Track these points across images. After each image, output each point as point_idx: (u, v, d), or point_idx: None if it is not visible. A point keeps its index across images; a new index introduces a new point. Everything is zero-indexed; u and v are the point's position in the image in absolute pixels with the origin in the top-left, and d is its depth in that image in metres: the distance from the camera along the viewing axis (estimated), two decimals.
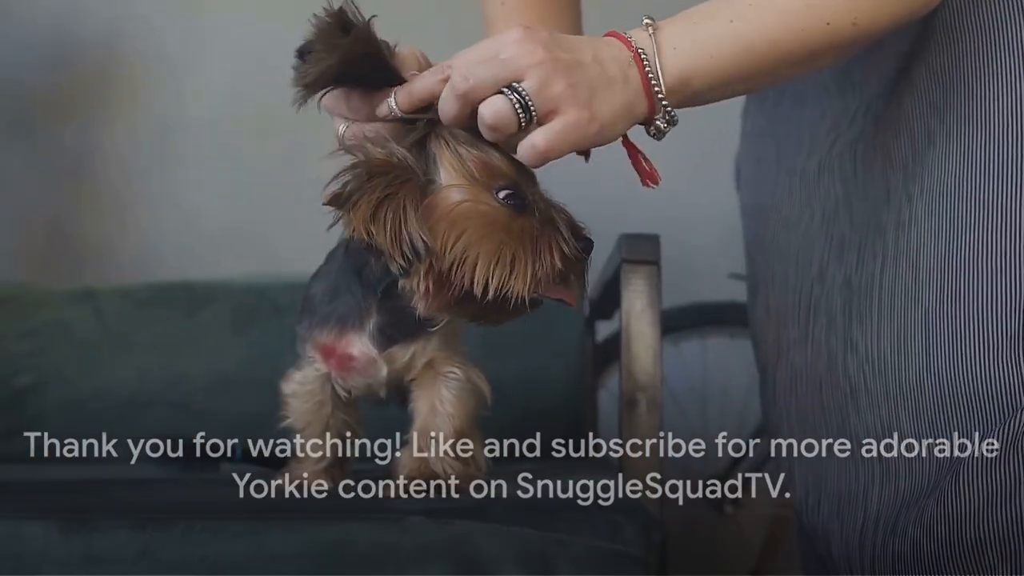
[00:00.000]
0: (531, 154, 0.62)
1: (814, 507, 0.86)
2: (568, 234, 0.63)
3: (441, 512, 0.57)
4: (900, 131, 0.80)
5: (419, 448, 0.71)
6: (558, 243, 0.63)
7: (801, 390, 0.87)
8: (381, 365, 0.73)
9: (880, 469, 0.79)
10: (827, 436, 0.84)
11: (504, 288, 0.61)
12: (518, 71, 0.61)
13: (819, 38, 0.67)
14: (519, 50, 0.61)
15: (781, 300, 0.91)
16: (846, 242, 0.85)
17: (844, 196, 0.85)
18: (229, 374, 1.28)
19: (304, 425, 0.78)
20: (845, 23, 0.67)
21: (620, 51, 0.64)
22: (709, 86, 0.66)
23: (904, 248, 0.78)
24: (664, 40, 0.64)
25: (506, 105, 0.61)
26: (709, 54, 0.65)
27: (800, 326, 0.88)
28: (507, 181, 0.64)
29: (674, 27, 0.65)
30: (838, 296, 0.84)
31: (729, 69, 0.66)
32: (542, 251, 0.62)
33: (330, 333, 0.74)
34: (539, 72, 0.60)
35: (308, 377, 0.77)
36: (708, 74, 0.65)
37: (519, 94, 0.60)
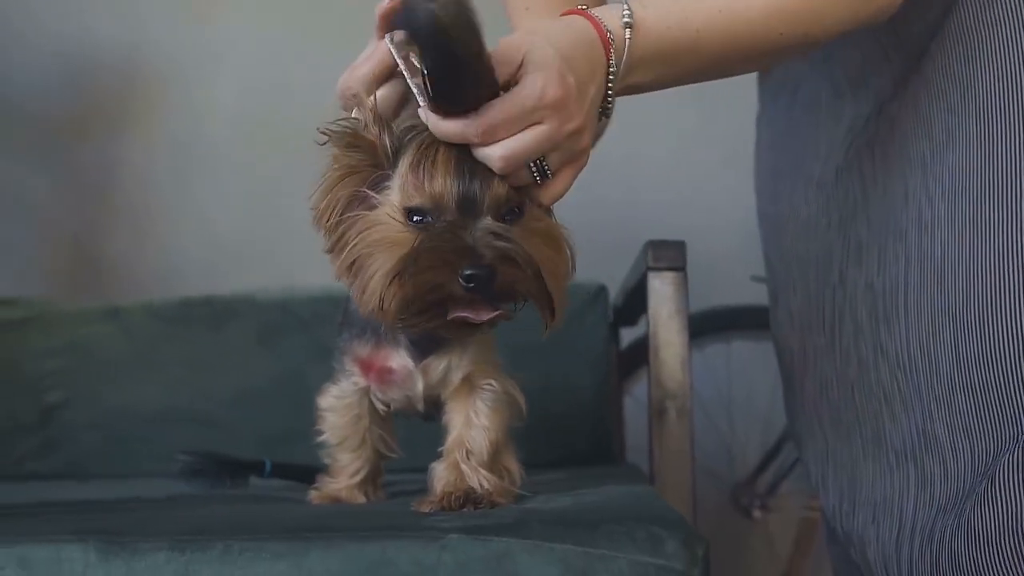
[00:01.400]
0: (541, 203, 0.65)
1: (848, 513, 0.85)
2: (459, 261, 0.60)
3: (480, 529, 0.56)
4: (918, 132, 0.79)
5: (454, 461, 0.70)
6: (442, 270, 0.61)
7: (833, 396, 0.87)
8: (418, 378, 0.73)
9: (916, 474, 0.78)
10: (861, 442, 0.83)
11: (384, 305, 0.62)
12: (552, 147, 0.62)
13: (771, 45, 0.69)
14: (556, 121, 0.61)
15: (804, 307, 0.90)
16: (864, 245, 0.84)
17: (862, 199, 0.85)
18: (255, 389, 1.28)
19: (340, 439, 0.78)
20: (796, 34, 0.69)
21: (601, 63, 0.65)
22: (648, 87, 0.69)
23: (928, 251, 0.77)
24: (635, 52, 0.65)
25: (525, 171, 0.63)
26: (665, 70, 0.68)
27: (826, 333, 0.87)
28: (431, 204, 0.63)
29: (647, 36, 0.66)
30: (861, 301, 0.83)
31: (679, 75, 0.69)
32: (421, 273, 0.61)
33: (367, 346, 0.74)
34: (568, 145, 0.63)
35: (346, 391, 0.77)
36: (654, 81, 0.68)
37: (541, 168, 0.63)
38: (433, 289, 0.61)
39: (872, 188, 0.84)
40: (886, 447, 0.80)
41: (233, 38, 1.79)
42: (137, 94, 1.80)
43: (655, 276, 0.99)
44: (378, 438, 0.78)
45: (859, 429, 0.83)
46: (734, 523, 1.59)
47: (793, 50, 0.72)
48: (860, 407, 0.83)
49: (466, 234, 0.61)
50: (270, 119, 1.77)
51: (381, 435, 0.79)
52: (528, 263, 0.61)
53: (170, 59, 1.79)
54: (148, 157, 1.79)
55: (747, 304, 1.59)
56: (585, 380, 1.28)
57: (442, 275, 0.60)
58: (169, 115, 1.80)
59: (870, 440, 0.82)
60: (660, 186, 1.69)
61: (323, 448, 0.80)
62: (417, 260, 0.61)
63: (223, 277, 1.73)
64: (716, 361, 1.58)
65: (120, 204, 1.79)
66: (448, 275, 0.60)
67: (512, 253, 0.61)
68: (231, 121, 1.80)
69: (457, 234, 0.61)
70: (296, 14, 1.79)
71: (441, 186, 0.62)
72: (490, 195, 0.62)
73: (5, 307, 1.37)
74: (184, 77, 1.80)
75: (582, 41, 0.64)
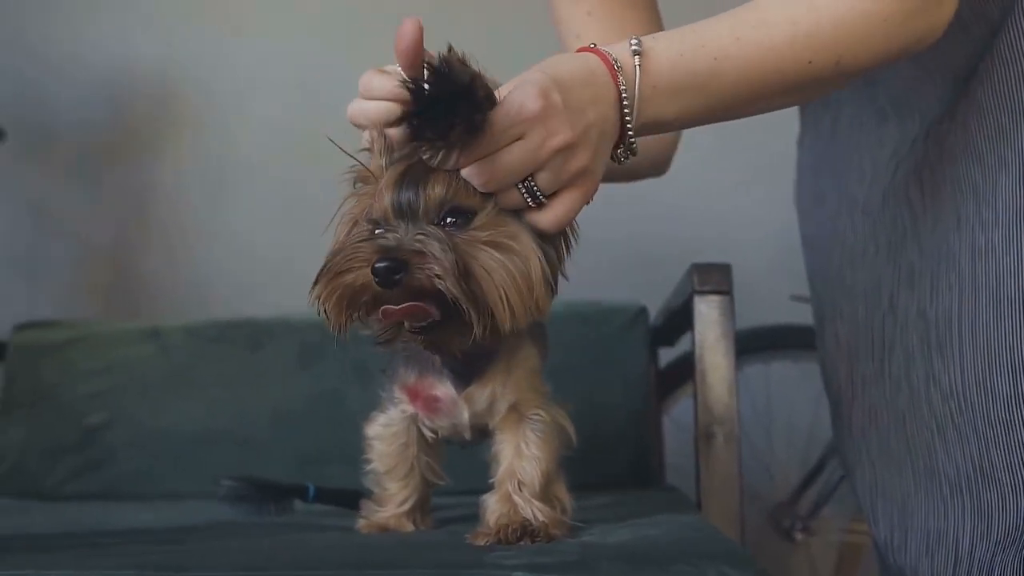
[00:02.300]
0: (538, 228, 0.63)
1: (900, 545, 0.83)
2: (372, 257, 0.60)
3: (545, 568, 0.55)
4: (968, 155, 0.78)
5: (506, 493, 0.69)
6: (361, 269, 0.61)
7: (882, 425, 0.85)
8: (463, 406, 0.72)
9: (972, 507, 0.76)
10: (912, 473, 0.81)
11: (322, 308, 0.63)
12: (537, 165, 0.61)
13: (799, 76, 0.66)
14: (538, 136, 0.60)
15: (852, 334, 0.89)
16: (916, 271, 0.82)
17: (911, 224, 0.83)
18: (294, 410, 1.28)
19: (388, 468, 0.78)
20: (827, 62, 0.66)
21: (610, 90, 0.63)
22: (679, 122, 0.67)
23: (982, 279, 0.75)
24: (647, 80, 0.64)
25: (516, 196, 0.62)
26: (688, 102, 0.65)
27: (875, 361, 0.86)
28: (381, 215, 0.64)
29: (660, 63, 0.64)
30: (913, 329, 0.81)
31: (702, 110, 0.66)
32: (340, 274, 0.62)
33: (412, 374, 0.74)
34: (557, 163, 0.61)
35: (393, 419, 0.76)
36: (681, 115, 0.66)
37: (529, 187, 0.62)
38: (358, 290, 0.61)
39: (921, 214, 0.82)
40: (939, 478, 0.79)
41: (266, 56, 1.81)
42: (172, 114, 1.82)
43: (701, 300, 0.98)
44: (425, 466, 0.78)
45: (910, 459, 0.82)
46: (775, 545, 1.57)
47: (828, 80, 0.69)
48: (911, 437, 0.81)
49: (392, 235, 0.62)
50: (304, 137, 1.78)
51: (429, 463, 0.78)
52: (444, 257, 0.60)
53: (204, 79, 1.81)
54: (184, 176, 1.81)
55: (787, 324, 1.57)
56: (625, 402, 1.27)
57: (361, 275, 0.61)
58: (204, 134, 1.82)
59: (922, 471, 0.80)
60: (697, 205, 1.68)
61: (366, 472, 0.79)
62: (335, 260, 0.62)
63: (259, 295, 1.74)
64: (756, 381, 1.56)
65: (156, 223, 1.81)
66: (367, 274, 0.60)
67: (424, 247, 0.60)
68: (265, 139, 1.81)
69: (384, 235, 0.62)
70: (329, 31, 1.80)
71: (386, 197, 0.63)
72: (426, 199, 0.62)
73: (47, 329, 1.38)
74: (218, 96, 1.81)
75: (582, 68, 0.63)
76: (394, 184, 0.63)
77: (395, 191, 0.63)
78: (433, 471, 0.78)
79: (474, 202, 0.63)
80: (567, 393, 0.75)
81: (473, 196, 0.63)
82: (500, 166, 0.60)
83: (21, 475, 1.29)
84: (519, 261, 0.62)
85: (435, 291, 0.60)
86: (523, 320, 0.62)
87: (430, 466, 0.78)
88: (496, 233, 0.63)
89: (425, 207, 0.62)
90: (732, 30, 0.66)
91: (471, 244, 0.62)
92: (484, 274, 0.61)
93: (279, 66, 1.81)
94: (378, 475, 0.78)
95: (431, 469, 0.78)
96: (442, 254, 0.60)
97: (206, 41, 1.80)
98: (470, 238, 0.62)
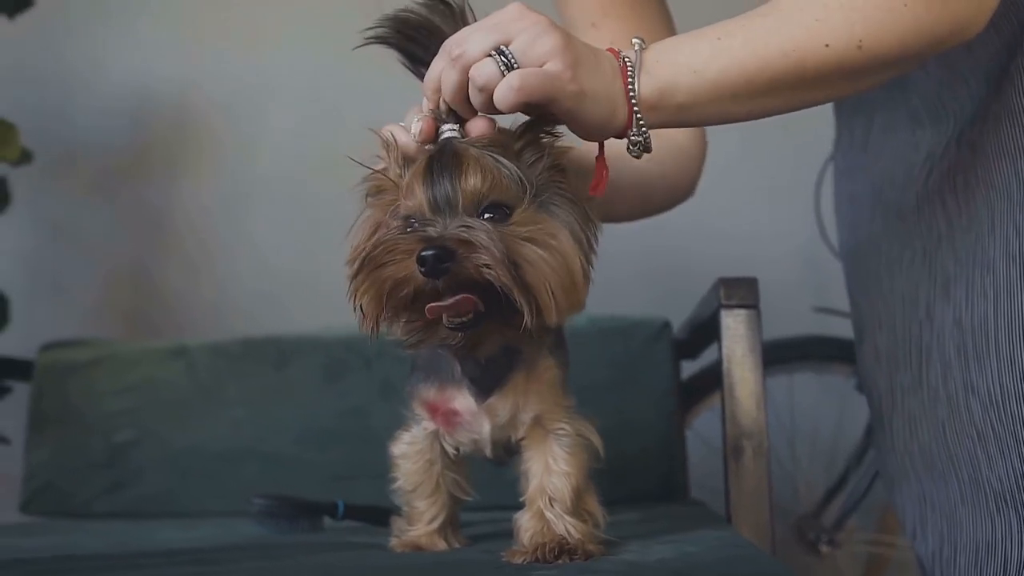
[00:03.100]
0: (504, 91, 0.62)
1: (949, 559, 0.82)
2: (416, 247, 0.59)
3: None
4: (1001, 158, 0.77)
5: (539, 510, 0.69)
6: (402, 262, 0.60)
7: (922, 437, 0.84)
8: (484, 419, 0.72)
9: (1018, 519, 0.75)
10: (958, 484, 0.80)
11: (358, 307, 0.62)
12: (508, 34, 0.62)
13: (818, 60, 0.64)
14: (512, 15, 0.63)
15: (890, 343, 0.88)
16: (951, 279, 0.81)
17: (946, 230, 0.82)
18: (320, 427, 1.29)
19: (414, 486, 0.77)
20: (848, 46, 0.64)
21: (611, 59, 0.64)
22: (695, 101, 0.65)
23: (1018, 284, 0.75)
24: (648, 54, 0.65)
25: (492, 66, 0.62)
26: (692, 68, 0.64)
27: (913, 370, 0.85)
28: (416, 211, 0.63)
29: (662, 45, 0.66)
30: (949, 337, 0.81)
31: (717, 85, 0.64)
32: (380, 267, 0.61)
33: (432, 388, 0.73)
34: (529, 31, 0.62)
35: (417, 436, 0.76)
36: (692, 89, 0.64)
37: (505, 56, 0.62)
38: (398, 284, 0.60)
39: (956, 218, 0.81)
40: (984, 489, 0.78)
41: (285, 72, 1.82)
42: (192, 133, 1.83)
43: (728, 314, 0.98)
44: (452, 482, 0.77)
45: (954, 471, 0.81)
46: (800, 558, 1.56)
47: (858, 68, 0.66)
48: (952, 448, 0.81)
49: (433, 227, 0.61)
50: (323, 152, 1.79)
51: (455, 479, 0.78)
52: (493, 246, 0.59)
53: (224, 95, 1.82)
54: (204, 194, 1.82)
55: (810, 335, 1.57)
56: (650, 416, 1.27)
57: (403, 267, 0.60)
58: (223, 152, 1.83)
59: (967, 482, 0.79)
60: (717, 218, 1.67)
61: (394, 490, 0.79)
62: (374, 254, 0.61)
63: (281, 311, 1.75)
64: (779, 393, 1.56)
65: (178, 241, 1.82)
66: (408, 266, 0.59)
67: (471, 236, 0.59)
68: (284, 156, 1.82)
69: (423, 228, 0.61)
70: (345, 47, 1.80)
71: (419, 191, 0.63)
72: (464, 192, 0.62)
73: (73, 348, 1.39)
74: (237, 114, 1.83)
75: None
76: (424, 176, 0.63)
77: (428, 184, 0.62)
78: (459, 487, 0.78)
79: (512, 197, 0.63)
80: (591, 408, 0.74)
81: (511, 191, 0.63)
82: (474, 35, 0.62)
83: (51, 493, 1.30)
84: (560, 256, 0.62)
85: (482, 282, 0.59)
86: (567, 314, 0.62)
87: (456, 482, 0.78)
88: (535, 229, 0.63)
89: (463, 200, 0.62)
90: (738, 20, 0.66)
91: (512, 238, 0.61)
92: (529, 266, 0.61)
93: (297, 83, 1.82)
94: (405, 493, 0.78)
95: (457, 485, 0.78)
96: (490, 243, 0.59)
97: (224, 60, 1.82)
98: (510, 233, 0.61)
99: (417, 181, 0.63)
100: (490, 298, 0.60)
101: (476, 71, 0.62)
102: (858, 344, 0.97)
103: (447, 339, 0.63)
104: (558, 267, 0.62)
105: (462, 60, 0.63)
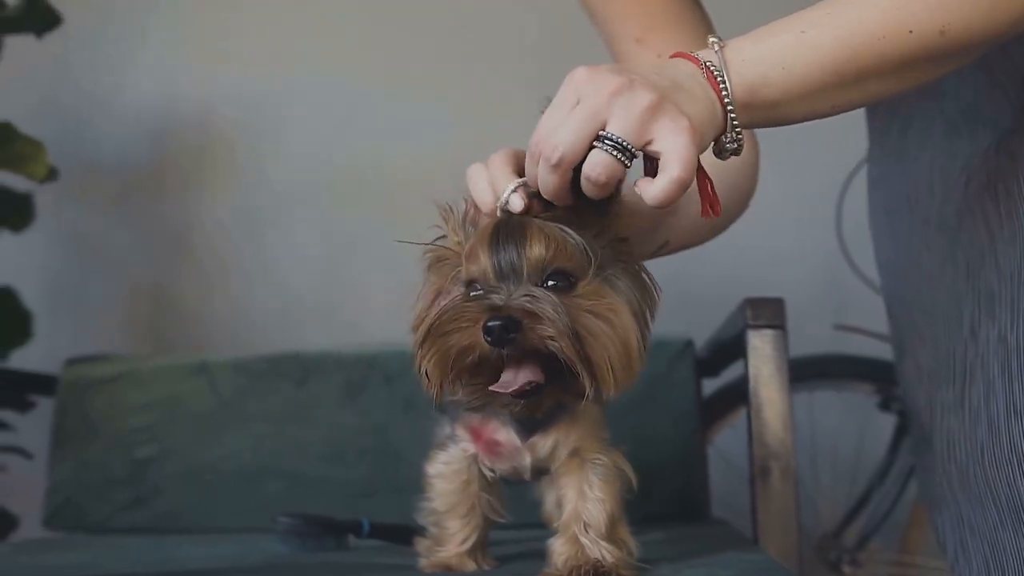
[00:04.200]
0: (674, 190, 0.60)
1: None
2: (482, 316, 0.60)
3: None
4: None
5: (574, 535, 0.69)
6: (468, 329, 0.60)
7: (960, 458, 0.82)
8: (525, 453, 0.73)
9: None
10: (996, 508, 0.79)
11: (422, 371, 0.63)
12: (599, 116, 0.60)
13: (904, 49, 0.63)
14: (589, 91, 0.60)
15: (932, 360, 0.86)
16: (996, 296, 0.79)
17: (988, 243, 0.80)
18: (341, 443, 1.29)
19: (449, 506, 0.77)
20: (931, 32, 0.63)
21: (688, 66, 0.63)
22: (786, 98, 0.64)
23: None
24: (731, 54, 0.63)
25: (604, 157, 0.60)
26: (781, 64, 0.62)
27: (955, 389, 0.83)
28: (479, 276, 0.64)
29: (742, 42, 0.64)
30: (994, 356, 0.78)
31: (807, 79, 0.63)
32: (446, 334, 0.61)
33: (476, 417, 0.74)
34: (620, 104, 0.59)
35: (454, 457, 0.76)
36: (783, 85, 0.63)
37: (611, 141, 0.59)
38: (462, 352, 0.61)
39: (998, 229, 0.79)
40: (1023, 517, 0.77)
41: (305, 93, 1.84)
42: (212, 150, 1.85)
43: (755, 334, 0.98)
44: (486, 504, 0.77)
45: (992, 495, 0.79)
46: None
47: (939, 56, 0.64)
48: (989, 471, 0.79)
49: (498, 296, 0.61)
50: (339, 172, 1.81)
51: (489, 501, 0.78)
52: (558, 319, 0.59)
53: (243, 116, 1.84)
54: (224, 212, 1.84)
55: (830, 353, 1.57)
56: (672, 435, 1.26)
57: (468, 335, 0.60)
58: (243, 170, 1.85)
59: (1006, 507, 0.78)
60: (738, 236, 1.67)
61: (424, 510, 0.79)
62: (441, 321, 0.61)
63: (296, 327, 1.76)
64: (800, 412, 1.55)
65: (197, 258, 1.84)
66: (474, 334, 0.60)
67: (536, 308, 0.60)
68: (303, 175, 1.83)
69: (488, 296, 0.61)
70: (368, 68, 1.82)
71: (483, 256, 0.63)
72: (528, 261, 0.62)
73: (98, 364, 1.40)
74: (256, 132, 1.85)
75: (647, 60, 0.64)
76: (489, 242, 0.63)
77: (492, 250, 0.63)
78: (494, 509, 0.78)
79: (577, 267, 0.64)
80: (614, 427, 0.75)
81: (575, 260, 0.63)
82: (563, 130, 0.60)
83: (73, 508, 1.31)
84: (620, 331, 0.63)
85: (546, 353, 0.60)
86: (623, 386, 0.63)
87: (491, 504, 0.77)
88: (598, 304, 0.63)
89: (528, 268, 0.62)
90: (815, 11, 0.64)
91: (576, 310, 0.62)
92: (591, 339, 0.61)
93: (312, 105, 1.84)
94: (438, 514, 0.78)
95: (491, 507, 0.78)
96: (555, 315, 0.60)
97: (243, 82, 1.84)
98: (573, 304, 0.62)
99: (482, 247, 0.64)
100: (551, 368, 0.61)
101: (592, 170, 0.60)
102: (898, 360, 0.94)
103: (509, 405, 0.64)
104: (618, 342, 0.63)
105: (564, 163, 0.61)
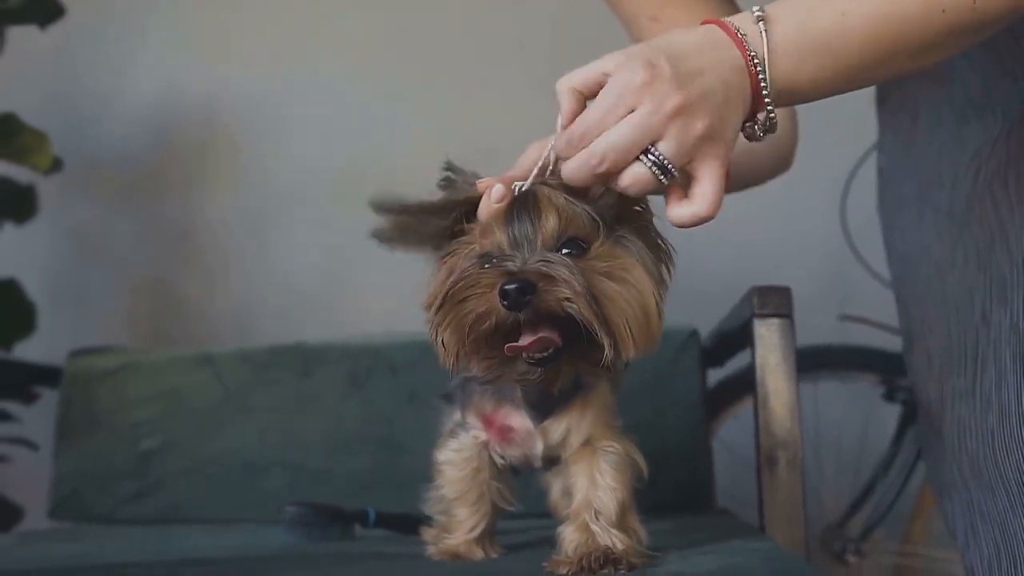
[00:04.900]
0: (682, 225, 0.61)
1: (1010, 568, 0.80)
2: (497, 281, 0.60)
3: None
4: None
5: (584, 523, 0.69)
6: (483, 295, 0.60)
7: (971, 444, 0.82)
8: (537, 439, 0.73)
9: None
10: (1007, 494, 0.79)
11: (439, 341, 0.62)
12: (654, 133, 0.59)
13: (935, 27, 0.62)
14: (648, 103, 0.58)
15: (943, 348, 0.86)
16: (1008, 283, 0.79)
17: (999, 231, 0.80)
18: (346, 434, 1.29)
19: (458, 493, 0.77)
20: (964, 7, 0.62)
21: (733, 54, 0.61)
22: (814, 89, 0.63)
23: None
24: (776, 43, 0.61)
25: (645, 173, 0.60)
26: (820, 63, 0.62)
27: (967, 376, 0.83)
28: (494, 248, 0.64)
29: (786, 25, 0.62)
30: (1006, 343, 0.78)
31: (838, 71, 0.63)
32: (462, 301, 0.61)
33: (489, 402, 0.74)
34: (677, 127, 0.58)
35: (465, 444, 0.76)
36: (815, 79, 0.63)
37: (656, 158, 0.59)
38: (479, 317, 0.61)
39: (1009, 218, 0.79)
40: None
41: (307, 91, 1.83)
42: (215, 146, 1.85)
43: (761, 323, 0.97)
44: (496, 492, 0.78)
45: (1002, 481, 0.79)
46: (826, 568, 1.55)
47: (966, 29, 0.64)
48: (1000, 458, 0.79)
49: (512, 262, 0.61)
50: (341, 169, 1.80)
51: (499, 488, 0.78)
52: (574, 279, 0.59)
53: (246, 113, 1.84)
54: (226, 207, 1.84)
55: (835, 344, 1.56)
56: (677, 425, 1.26)
57: (484, 300, 0.60)
58: (245, 166, 1.84)
59: (1016, 492, 0.78)
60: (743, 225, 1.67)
61: (433, 498, 0.79)
62: (457, 288, 0.61)
63: (298, 322, 1.75)
64: (804, 402, 1.54)
65: (199, 253, 1.84)
66: (491, 299, 0.60)
67: (552, 270, 0.60)
68: (305, 172, 1.83)
69: (503, 263, 0.61)
70: (369, 67, 1.82)
71: (498, 230, 0.63)
72: (543, 231, 0.62)
73: (103, 356, 1.40)
74: (259, 129, 1.85)
75: (698, 37, 0.61)
76: (505, 217, 0.63)
77: (508, 224, 0.63)
78: (503, 497, 0.78)
79: (588, 234, 0.63)
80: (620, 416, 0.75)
81: (585, 227, 0.63)
82: (615, 138, 0.59)
83: (78, 499, 1.31)
84: (636, 291, 0.62)
85: (563, 315, 0.60)
86: (642, 349, 0.62)
87: (500, 492, 0.78)
88: (612, 265, 0.63)
89: (543, 238, 0.62)
90: None
91: (591, 272, 0.61)
92: (607, 301, 0.61)
93: (319, 103, 1.83)
94: (447, 501, 0.78)
95: (501, 495, 0.78)
96: (571, 277, 0.59)
97: (247, 80, 1.83)
98: (588, 267, 0.62)
99: (497, 222, 0.64)
100: (569, 332, 0.61)
101: (630, 182, 0.60)
102: (907, 349, 0.94)
103: (526, 374, 0.63)
104: (634, 302, 0.62)
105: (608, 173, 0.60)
